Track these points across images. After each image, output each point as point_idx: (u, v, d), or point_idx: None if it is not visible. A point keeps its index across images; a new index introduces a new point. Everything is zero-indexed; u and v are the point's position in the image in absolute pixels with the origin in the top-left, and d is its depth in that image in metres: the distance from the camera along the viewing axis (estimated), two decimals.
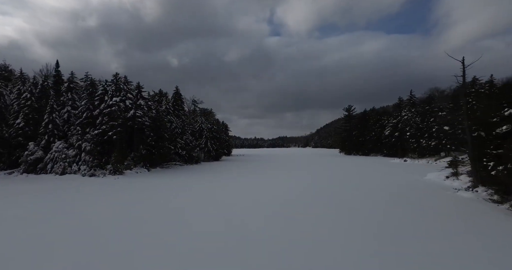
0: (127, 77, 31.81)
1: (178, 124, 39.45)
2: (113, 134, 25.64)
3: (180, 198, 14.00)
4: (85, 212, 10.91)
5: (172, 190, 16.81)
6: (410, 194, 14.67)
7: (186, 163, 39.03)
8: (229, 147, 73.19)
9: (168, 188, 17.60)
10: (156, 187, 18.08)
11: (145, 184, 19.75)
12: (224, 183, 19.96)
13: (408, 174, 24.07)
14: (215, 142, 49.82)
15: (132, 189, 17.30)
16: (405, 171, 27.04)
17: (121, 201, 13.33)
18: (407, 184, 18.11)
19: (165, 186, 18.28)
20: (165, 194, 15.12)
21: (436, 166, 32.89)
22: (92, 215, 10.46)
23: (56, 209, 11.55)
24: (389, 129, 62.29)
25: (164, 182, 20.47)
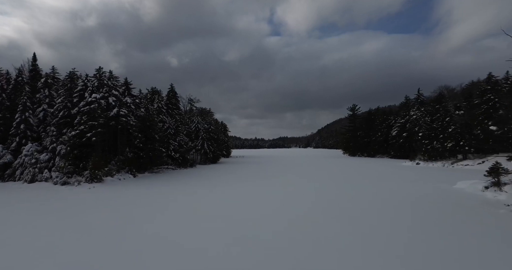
0: (112, 72, 28.53)
1: (171, 124, 36.18)
2: (92, 135, 22.35)
3: (158, 221, 10.67)
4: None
5: (152, 205, 13.49)
6: (449, 211, 11.34)
7: (179, 166, 35.75)
8: (228, 148, 69.92)
9: (149, 201, 14.30)
10: (135, 199, 14.80)
11: (123, 195, 16.45)
12: (219, 193, 16.65)
13: (432, 181, 20.73)
14: (212, 143, 46.55)
15: (100, 204, 13.96)
16: (425, 177, 23.68)
17: (66, 228, 10.02)
18: (438, 197, 14.76)
19: (145, 198, 14.99)
20: (141, 213, 11.80)
21: (455, 170, 29.56)
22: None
23: None
24: (397, 129, 58.95)
25: (146, 193, 17.17)
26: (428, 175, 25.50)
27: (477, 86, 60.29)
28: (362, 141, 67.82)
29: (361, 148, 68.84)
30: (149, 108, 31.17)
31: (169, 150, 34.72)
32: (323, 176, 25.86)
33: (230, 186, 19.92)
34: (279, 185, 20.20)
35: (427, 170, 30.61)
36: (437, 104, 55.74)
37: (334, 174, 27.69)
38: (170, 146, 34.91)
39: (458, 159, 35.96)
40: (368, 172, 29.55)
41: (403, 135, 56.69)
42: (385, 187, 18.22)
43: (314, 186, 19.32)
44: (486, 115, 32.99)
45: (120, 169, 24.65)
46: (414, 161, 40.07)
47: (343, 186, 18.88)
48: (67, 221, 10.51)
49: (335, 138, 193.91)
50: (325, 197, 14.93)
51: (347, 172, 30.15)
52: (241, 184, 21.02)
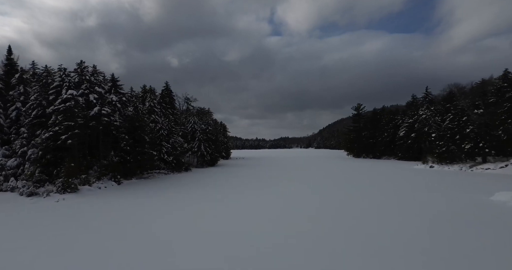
0: (96, 67, 25.60)
1: (164, 125, 33.24)
2: (68, 138, 19.40)
3: (130, 252, 7.67)
4: None
5: (127, 226, 10.50)
6: (507, 239, 8.33)
7: (173, 170, 32.77)
8: (227, 149, 67.00)
9: (124, 219, 11.33)
10: (106, 216, 11.84)
11: (94, 210, 13.48)
12: (212, 207, 13.65)
13: (459, 190, 17.67)
14: (210, 145, 43.57)
15: (56, 226, 10.95)
16: (449, 184, 20.61)
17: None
18: (481, 215, 11.70)
19: (121, 216, 12.02)
20: (108, 238, 8.81)
21: (476, 175, 26.43)
22: None
23: None
24: (404, 129, 55.89)
25: (124, 207, 14.21)
26: (450, 182, 22.43)
27: (488, 84, 57.24)
28: (367, 141, 64.72)
29: (366, 149, 65.75)
30: (138, 108, 28.22)
31: (162, 153, 31.77)
32: (329, 184, 22.83)
33: (225, 199, 16.93)
34: (281, 197, 17.20)
35: (445, 175, 27.52)
36: (447, 103, 52.76)
37: (342, 181, 24.64)
38: (163, 148, 31.96)
39: (476, 162, 32.86)
40: (380, 177, 26.49)
41: (412, 136, 53.64)
42: (408, 199, 15.15)
43: (321, 198, 16.31)
44: (509, 114, 29.91)
45: (103, 176, 21.70)
46: (426, 164, 36.99)
47: (357, 199, 15.84)
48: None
49: (336, 138, 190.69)
50: (336, 217, 11.91)
51: (357, 178, 27.09)
52: (237, 196, 18.02)
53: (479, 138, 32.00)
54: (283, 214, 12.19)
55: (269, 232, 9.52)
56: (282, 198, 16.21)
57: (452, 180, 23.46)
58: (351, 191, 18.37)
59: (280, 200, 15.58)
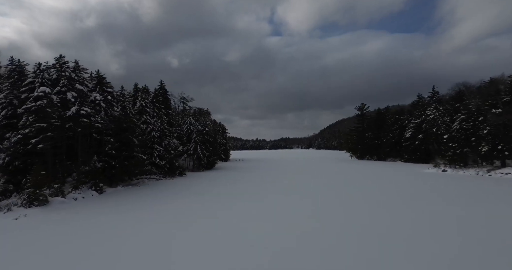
0: (78, 62, 23.07)
1: (157, 126, 30.69)
2: (39, 141, 16.84)
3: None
4: None
5: (95, 254, 7.93)
6: None
7: (166, 175, 30.18)
8: (226, 151, 64.46)
9: (95, 244, 8.77)
10: (69, 242, 9.27)
11: (57, 232, 10.89)
12: (205, 223, 11.06)
13: (496, 202, 15.05)
14: (207, 147, 41.00)
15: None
16: (478, 194, 17.94)
17: None
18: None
19: (91, 237, 9.46)
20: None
21: (500, 180, 23.74)
22: None
23: None
24: (411, 130, 53.26)
25: (99, 224, 11.63)
26: (476, 189, 19.76)
27: (499, 83, 54.60)
28: (372, 142, 62.08)
29: (370, 150, 63.10)
30: (126, 107, 25.67)
31: (153, 157, 29.21)
32: (336, 193, 20.23)
33: (217, 214, 14.32)
34: (285, 206, 14.59)
35: (463, 181, 24.87)
36: (456, 103, 50.15)
37: (350, 192, 22.03)
38: (155, 151, 29.40)
39: (494, 166, 30.21)
40: (393, 186, 23.85)
41: (419, 137, 51.01)
42: (440, 218, 12.45)
43: (334, 209, 13.70)
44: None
45: (82, 184, 19.12)
46: (438, 167, 34.33)
47: (372, 222, 13.22)
48: None
49: (338, 139, 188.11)
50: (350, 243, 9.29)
51: (366, 188, 24.48)
52: (229, 212, 15.42)
53: (498, 139, 29.37)
54: (283, 247, 9.57)
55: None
56: (293, 205, 13.60)
57: (479, 187, 20.76)
58: (363, 208, 15.75)
59: (292, 207, 12.96)
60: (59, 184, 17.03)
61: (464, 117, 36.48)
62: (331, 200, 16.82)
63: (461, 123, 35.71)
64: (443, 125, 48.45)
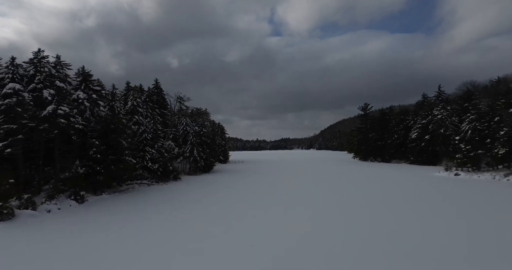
0: (60, 57, 20.96)
1: (149, 127, 28.55)
2: (7, 145, 14.71)
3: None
4: None
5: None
6: None
7: (159, 180, 28.01)
8: (225, 153, 62.29)
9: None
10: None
11: (13, 260, 8.81)
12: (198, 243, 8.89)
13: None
14: (204, 149, 38.85)
15: None
16: (508, 206, 15.79)
17: None
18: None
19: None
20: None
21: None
22: None
23: None
24: (417, 131, 51.07)
25: (68, 246, 9.53)
26: (499, 198, 17.58)
27: (508, 82, 52.44)
28: (376, 144, 59.87)
29: (374, 151, 60.89)
30: (114, 107, 23.55)
31: (145, 160, 27.08)
32: (342, 202, 18.05)
33: (213, 230, 12.16)
34: (289, 218, 12.45)
35: (482, 186, 22.66)
36: (465, 102, 47.96)
37: (356, 199, 19.85)
38: (147, 154, 27.27)
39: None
40: (401, 190, 21.66)
41: (425, 138, 48.82)
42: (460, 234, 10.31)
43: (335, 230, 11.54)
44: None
45: (60, 193, 16.98)
46: (450, 171, 32.10)
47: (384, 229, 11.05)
48: None
49: (339, 139, 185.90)
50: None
51: (375, 193, 22.29)
52: (221, 228, 13.26)
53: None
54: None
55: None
56: (298, 218, 11.43)
57: (499, 196, 18.59)
58: (374, 221, 13.58)
59: (297, 219, 10.80)
60: (30, 194, 14.86)
61: (474, 117, 34.30)
62: (337, 210, 14.63)
63: (472, 124, 33.50)
64: (451, 126, 46.25)
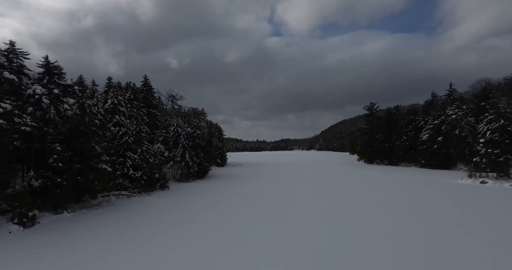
0: (14, 44, 17.08)
1: (131, 129, 24.65)
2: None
3: None
4: None
5: None
6: None
7: (142, 189, 24.09)
8: (223, 155, 58.32)
9: None
10: None
11: None
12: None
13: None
14: (198, 152, 34.93)
15: None
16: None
17: None
18: None
19: None
20: None
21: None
22: None
23: None
24: (428, 132, 47.15)
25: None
26: None
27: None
28: (383, 145, 55.96)
29: (380, 154, 56.95)
30: (84, 105, 19.64)
31: (126, 167, 23.17)
32: (355, 223, 14.08)
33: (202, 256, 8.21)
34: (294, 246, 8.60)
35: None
36: (481, 101, 44.10)
37: (375, 213, 15.89)
38: (128, 160, 23.35)
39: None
40: (424, 204, 17.72)
41: (438, 140, 44.90)
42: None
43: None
44: None
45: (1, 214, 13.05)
46: (475, 178, 28.16)
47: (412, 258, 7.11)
48: None
49: (340, 140, 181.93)
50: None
51: (391, 204, 18.35)
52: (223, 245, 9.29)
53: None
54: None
55: None
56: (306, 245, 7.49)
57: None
58: (407, 250, 9.64)
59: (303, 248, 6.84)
60: None
61: (493, 117, 30.40)
62: (356, 233, 10.67)
63: (491, 125, 29.51)
64: (467, 127, 42.35)
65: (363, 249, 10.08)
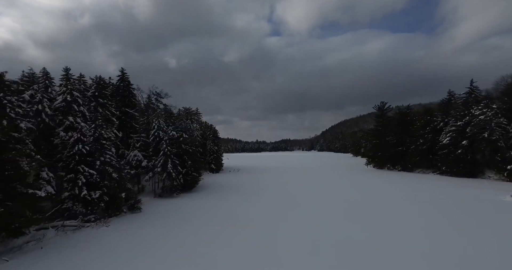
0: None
1: (87, 135, 18.51)
2: None
3: None
4: None
5: None
6: None
7: (104, 214, 17.96)
8: (218, 160, 52.12)
9: None
10: None
11: None
12: None
13: None
14: (184, 160, 28.83)
15: None
16: None
17: None
18: None
19: None
20: None
21: None
22: None
23: None
24: (450, 135, 41.00)
25: None
26: None
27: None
28: (395, 149, 49.78)
29: (393, 158, 50.79)
30: (5, 103, 13.54)
31: (76, 186, 17.04)
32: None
33: None
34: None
35: None
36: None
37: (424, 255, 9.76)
38: (80, 177, 17.22)
39: None
40: (480, 242, 11.63)
41: (462, 144, 38.78)
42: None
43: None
44: None
45: None
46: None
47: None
48: None
49: (341, 141, 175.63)
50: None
51: (445, 239, 12.22)
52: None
53: None
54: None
55: None
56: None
57: None
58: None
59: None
60: None
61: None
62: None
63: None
64: (497, 129, 36.23)
65: None
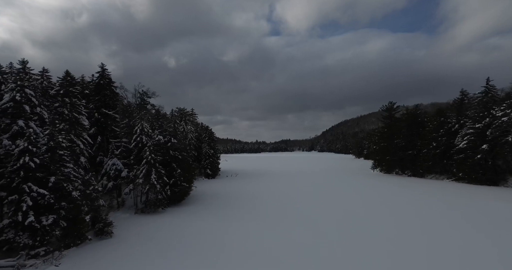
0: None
1: (37, 143, 14.48)
2: None
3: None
4: None
5: None
6: None
7: (58, 246, 13.96)
8: (214, 164, 47.99)
9: None
10: None
11: None
12: None
13: None
14: (173, 169, 24.84)
15: None
16: None
17: None
18: None
19: None
20: None
21: None
22: None
23: None
24: (468, 138, 37.02)
25: None
26: None
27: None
28: (405, 153, 45.76)
29: (402, 162, 46.78)
30: None
31: (20, 211, 13.00)
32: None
33: None
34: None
35: None
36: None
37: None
38: (26, 198, 13.18)
39: None
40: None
41: (482, 148, 34.79)
42: None
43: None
44: None
45: None
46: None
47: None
48: None
49: (342, 141, 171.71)
50: None
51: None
52: None
53: None
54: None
55: None
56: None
57: None
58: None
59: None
60: None
61: None
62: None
63: None
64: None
65: None
